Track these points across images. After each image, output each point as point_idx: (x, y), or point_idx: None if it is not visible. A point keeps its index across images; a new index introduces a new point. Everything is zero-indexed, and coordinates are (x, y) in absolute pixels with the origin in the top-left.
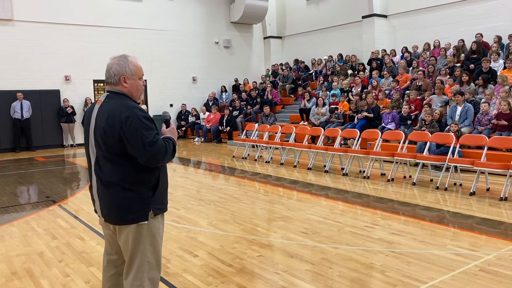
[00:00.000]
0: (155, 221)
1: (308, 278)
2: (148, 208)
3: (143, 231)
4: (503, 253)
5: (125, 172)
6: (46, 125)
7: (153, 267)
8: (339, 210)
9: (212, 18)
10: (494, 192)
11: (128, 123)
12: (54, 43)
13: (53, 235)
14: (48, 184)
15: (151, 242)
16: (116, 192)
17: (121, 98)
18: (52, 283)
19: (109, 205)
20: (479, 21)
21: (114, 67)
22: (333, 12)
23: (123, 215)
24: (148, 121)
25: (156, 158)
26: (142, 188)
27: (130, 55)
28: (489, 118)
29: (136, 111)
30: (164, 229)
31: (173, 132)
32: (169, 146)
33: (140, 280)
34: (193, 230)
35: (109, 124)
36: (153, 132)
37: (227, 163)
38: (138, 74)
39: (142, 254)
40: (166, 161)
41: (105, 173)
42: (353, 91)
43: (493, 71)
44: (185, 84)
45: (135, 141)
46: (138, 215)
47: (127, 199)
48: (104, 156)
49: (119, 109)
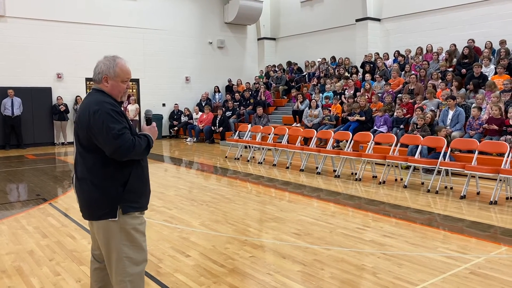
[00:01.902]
0: (128, 218)
1: (300, 279)
2: (115, 205)
3: (114, 227)
4: (493, 256)
5: (94, 167)
6: (37, 122)
7: (134, 263)
8: (331, 212)
9: (206, 18)
10: (484, 195)
11: (95, 116)
12: (47, 40)
13: (43, 234)
14: (38, 182)
15: (128, 238)
16: (86, 187)
17: (98, 94)
18: (43, 282)
19: (82, 200)
20: (471, 27)
21: (100, 65)
22: (327, 14)
23: (91, 211)
24: (117, 114)
25: (120, 150)
26: (110, 184)
27: (121, 57)
28: (480, 122)
29: (105, 105)
30: (157, 228)
31: (152, 131)
32: (139, 142)
33: (122, 276)
34: (185, 230)
35: (80, 119)
36: (120, 125)
37: (220, 163)
38: (122, 77)
39: (117, 250)
40: (136, 156)
41: (79, 169)
42: (346, 94)
43: (484, 76)
44: (178, 84)
45: (100, 133)
46: (105, 212)
47: (95, 195)
48: (78, 151)
49: (90, 104)
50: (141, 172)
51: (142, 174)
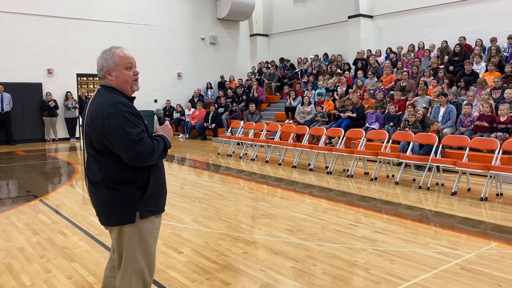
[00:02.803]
0: (146, 223)
1: (292, 275)
2: (134, 209)
3: (130, 232)
4: (483, 252)
5: (110, 171)
6: (27, 118)
7: (143, 270)
8: (323, 208)
9: (198, 14)
10: (475, 192)
11: (110, 120)
12: (37, 35)
13: (34, 230)
14: (29, 179)
15: (141, 244)
16: (101, 192)
17: (109, 93)
18: (33, 279)
19: (97, 205)
20: (463, 24)
21: (99, 61)
22: (319, 11)
23: (108, 216)
24: (134, 117)
25: (140, 157)
26: (128, 188)
27: (117, 45)
28: (471, 119)
29: (120, 107)
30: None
31: (166, 130)
32: (158, 145)
33: (129, 281)
34: (177, 227)
35: (93, 121)
36: (138, 129)
37: (212, 160)
38: (123, 64)
39: (130, 256)
40: (155, 161)
41: (92, 172)
42: (338, 91)
43: (475, 73)
44: (170, 80)
45: (117, 139)
46: (123, 217)
47: (112, 199)
48: (91, 154)
49: (102, 106)
50: (159, 174)
51: (160, 175)
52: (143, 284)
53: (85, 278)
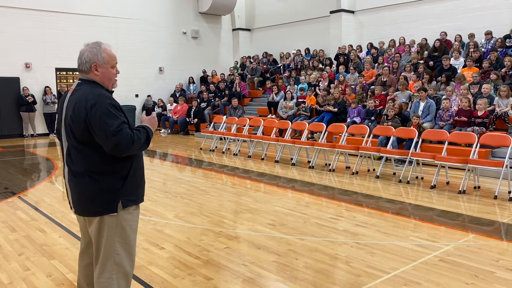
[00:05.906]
0: (126, 213)
1: (274, 269)
2: (116, 199)
3: (112, 223)
4: (461, 244)
5: (93, 162)
6: (4, 114)
7: (123, 261)
8: (305, 202)
9: (180, 7)
10: (453, 185)
11: (93, 111)
12: (15, 28)
13: (12, 228)
14: (6, 175)
15: (121, 235)
16: (84, 183)
17: (91, 86)
18: (11, 277)
19: (78, 196)
20: (442, 20)
21: (86, 54)
22: (301, 6)
23: (90, 206)
24: (115, 109)
25: (119, 148)
26: (111, 179)
27: (105, 42)
28: (450, 114)
29: (103, 99)
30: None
31: (152, 121)
32: (139, 135)
33: (109, 273)
34: (159, 223)
35: (75, 112)
36: (118, 120)
37: (194, 155)
38: (111, 62)
39: (110, 246)
40: (135, 151)
41: (74, 163)
42: (320, 86)
43: (453, 68)
44: (151, 75)
45: (98, 130)
46: (105, 207)
47: (95, 190)
48: (73, 145)
49: (86, 97)
50: (140, 164)
51: (140, 165)
52: (124, 275)
53: (65, 275)
